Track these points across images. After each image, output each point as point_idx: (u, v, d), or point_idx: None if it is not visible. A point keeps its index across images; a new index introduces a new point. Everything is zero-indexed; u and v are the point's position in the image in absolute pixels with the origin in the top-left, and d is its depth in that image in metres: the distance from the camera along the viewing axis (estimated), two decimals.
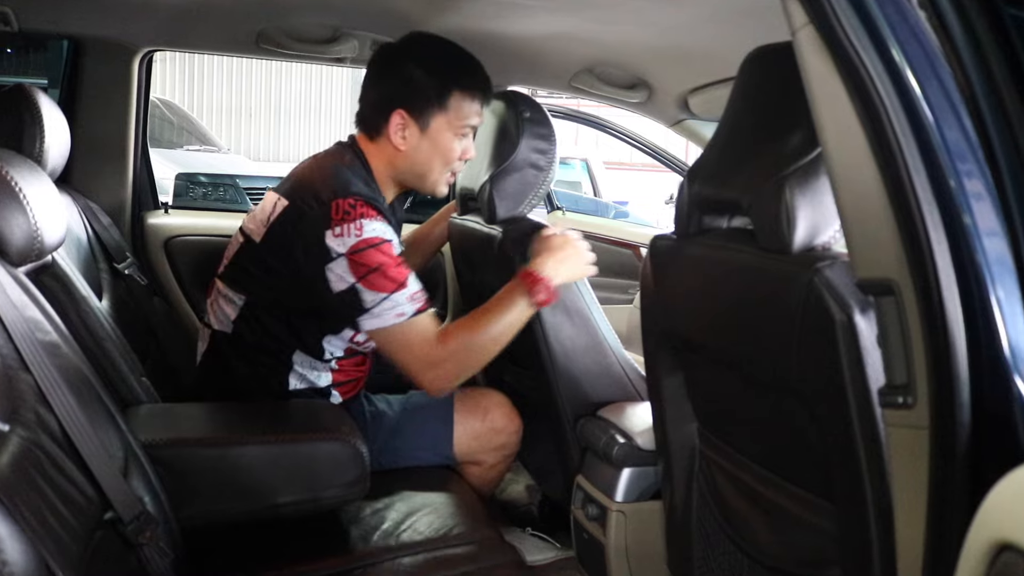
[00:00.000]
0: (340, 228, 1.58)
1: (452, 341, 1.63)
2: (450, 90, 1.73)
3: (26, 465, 0.96)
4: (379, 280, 1.58)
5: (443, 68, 1.75)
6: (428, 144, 1.74)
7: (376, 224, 1.61)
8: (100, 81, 2.24)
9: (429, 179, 1.79)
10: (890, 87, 0.83)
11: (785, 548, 1.29)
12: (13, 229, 1.21)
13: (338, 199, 1.61)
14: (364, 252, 1.58)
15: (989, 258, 0.81)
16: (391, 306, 1.59)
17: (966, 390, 0.82)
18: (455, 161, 1.80)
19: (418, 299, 1.62)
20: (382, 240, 1.61)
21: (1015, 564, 0.58)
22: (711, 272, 1.28)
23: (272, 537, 1.48)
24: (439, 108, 1.73)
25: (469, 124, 1.78)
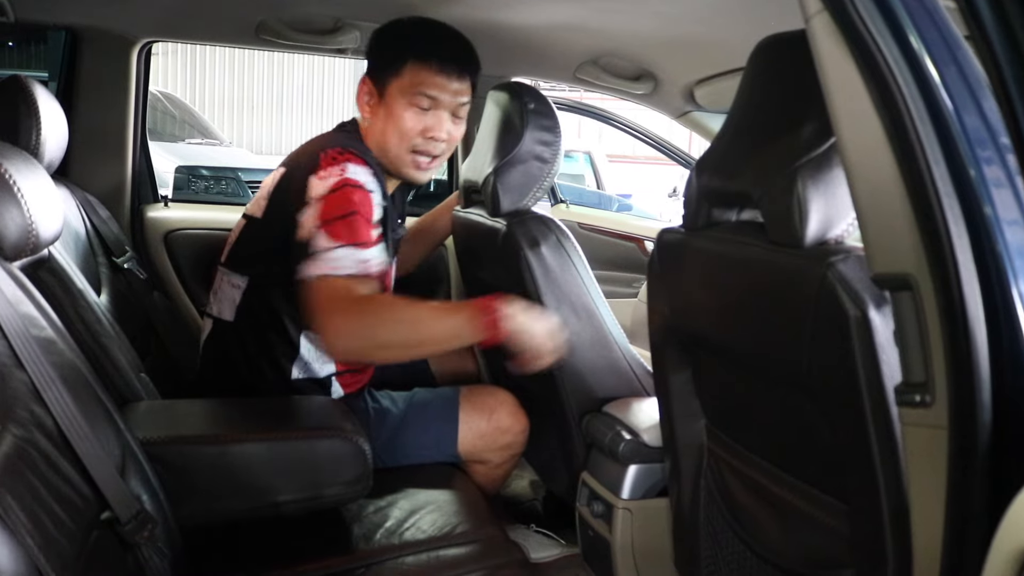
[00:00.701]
0: (325, 171, 1.54)
1: (376, 304, 1.49)
2: (405, 57, 1.67)
3: (20, 465, 0.94)
4: (340, 228, 1.49)
5: (404, 34, 1.71)
6: (384, 112, 1.69)
7: (360, 170, 1.56)
8: (98, 73, 2.21)
9: (390, 154, 1.71)
10: (908, 74, 0.81)
11: (795, 548, 1.27)
12: (7, 223, 1.18)
13: (328, 149, 1.59)
14: (342, 191, 1.52)
15: (1011, 250, 0.78)
16: (335, 256, 1.47)
17: (987, 389, 0.79)
18: (415, 136, 1.69)
19: (367, 269, 1.49)
20: (362, 186, 1.54)
21: None
22: (720, 266, 1.25)
23: (273, 536, 1.45)
24: (394, 74, 1.67)
25: (424, 93, 1.67)
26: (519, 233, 1.78)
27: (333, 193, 1.52)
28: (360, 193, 1.54)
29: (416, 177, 1.76)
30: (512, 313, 1.48)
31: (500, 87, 1.99)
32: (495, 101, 1.99)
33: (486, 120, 2.02)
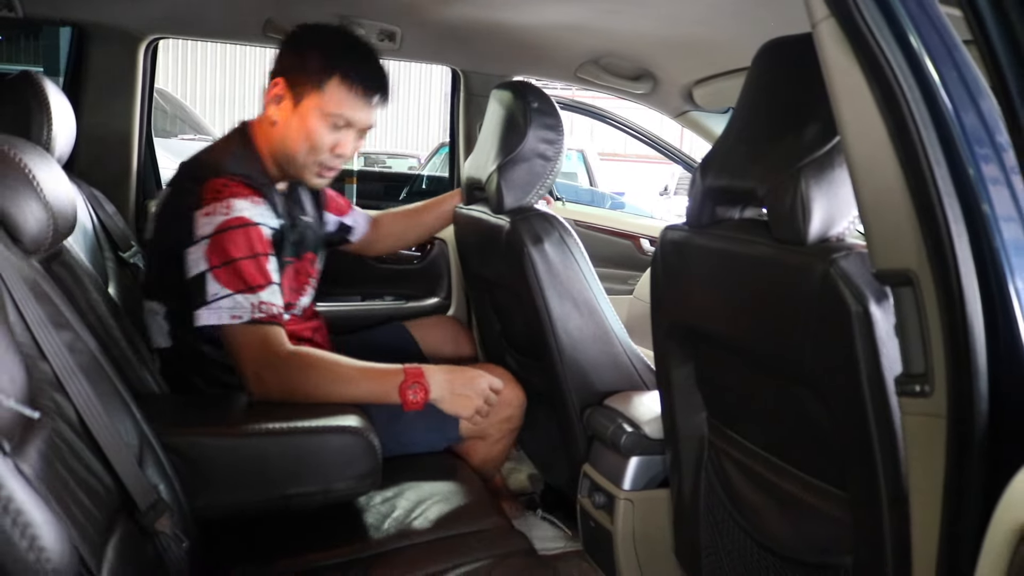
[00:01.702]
0: (209, 207, 1.54)
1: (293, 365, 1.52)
2: (331, 73, 1.64)
3: (50, 454, 0.96)
4: (229, 275, 1.52)
5: (334, 52, 1.67)
6: (297, 121, 1.66)
7: (245, 204, 1.57)
8: (105, 69, 2.23)
9: (295, 162, 1.69)
10: (910, 77, 0.84)
11: (796, 536, 1.30)
12: (27, 217, 1.20)
13: (211, 178, 1.58)
14: (227, 234, 1.53)
15: (1007, 246, 0.82)
16: (230, 305, 1.51)
17: (984, 379, 0.83)
18: (324, 152, 1.68)
19: (265, 310, 1.52)
20: (248, 223, 1.55)
21: None
22: (724, 263, 1.29)
23: (285, 527, 1.48)
24: (315, 88, 1.65)
25: (343, 115, 1.66)
26: (523, 230, 1.81)
27: (220, 234, 1.53)
28: (246, 232, 1.55)
29: (315, 184, 1.75)
30: (438, 386, 1.56)
31: (503, 86, 2.02)
32: (498, 100, 2.02)
33: (489, 118, 2.05)
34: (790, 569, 1.31)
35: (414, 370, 1.56)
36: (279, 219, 1.65)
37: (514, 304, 1.97)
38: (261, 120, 1.72)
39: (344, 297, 2.48)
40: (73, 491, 0.99)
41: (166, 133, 7.85)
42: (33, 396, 1.01)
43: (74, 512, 0.94)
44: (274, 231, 1.62)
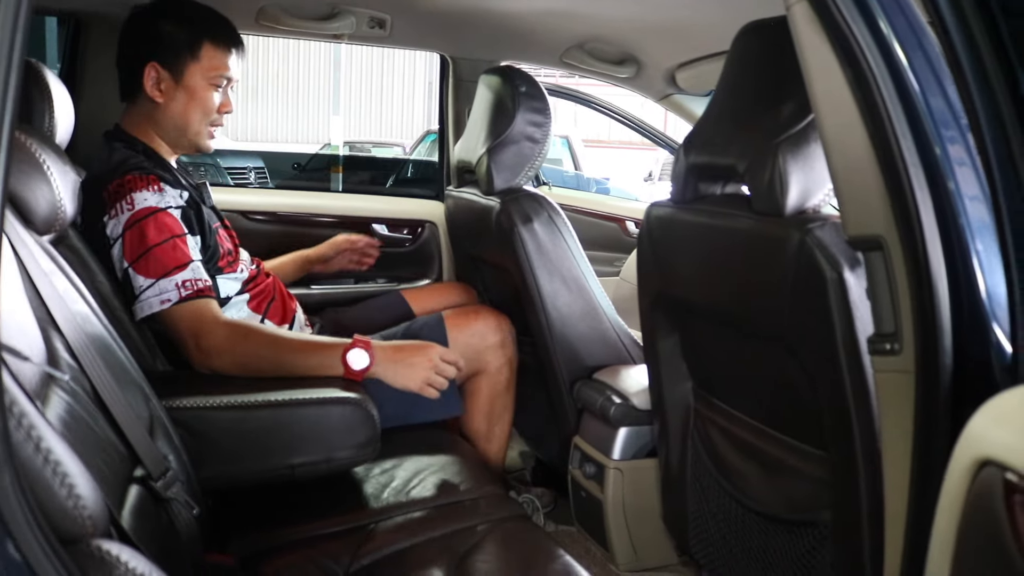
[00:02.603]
0: (112, 210, 1.60)
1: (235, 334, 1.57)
2: (201, 41, 1.73)
3: (71, 422, 1.02)
4: (148, 264, 1.57)
5: (193, 21, 1.76)
6: (185, 94, 1.74)
7: (145, 194, 1.61)
8: (101, 58, 2.26)
9: (190, 131, 1.77)
10: (879, 57, 0.90)
11: (777, 496, 1.37)
12: (39, 199, 1.25)
13: (108, 184, 1.64)
14: (135, 227, 1.58)
15: (970, 215, 0.88)
16: (156, 292, 1.56)
17: (948, 336, 0.89)
18: (214, 113, 1.78)
19: (190, 287, 1.57)
20: (155, 209, 1.60)
21: (994, 476, 0.66)
22: (707, 236, 1.35)
23: (289, 497, 1.53)
24: (192, 58, 1.73)
25: (223, 75, 1.76)
26: (513, 210, 1.86)
27: (130, 229, 1.58)
28: (153, 220, 1.59)
29: (207, 146, 1.82)
30: (382, 358, 1.58)
31: (492, 71, 2.07)
32: (487, 84, 2.07)
33: (478, 103, 2.10)
34: (773, 528, 1.38)
35: (361, 340, 1.59)
36: (185, 191, 1.69)
37: (505, 283, 2.03)
38: (135, 111, 1.78)
39: (337, 280, 2.52)
40: (91, 458, 1.04)
41: None
42: (54, 364, 1.06)
43: (95, 474, 0.99)
44: (183, 208, 1.66)
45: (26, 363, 0.85)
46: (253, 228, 2.45)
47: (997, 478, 0.66)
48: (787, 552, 1.35)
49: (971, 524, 0.70)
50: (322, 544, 1.41)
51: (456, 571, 1.31)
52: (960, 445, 0.71)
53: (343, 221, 2.61)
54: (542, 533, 1.49)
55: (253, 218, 2.50)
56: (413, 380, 1.60)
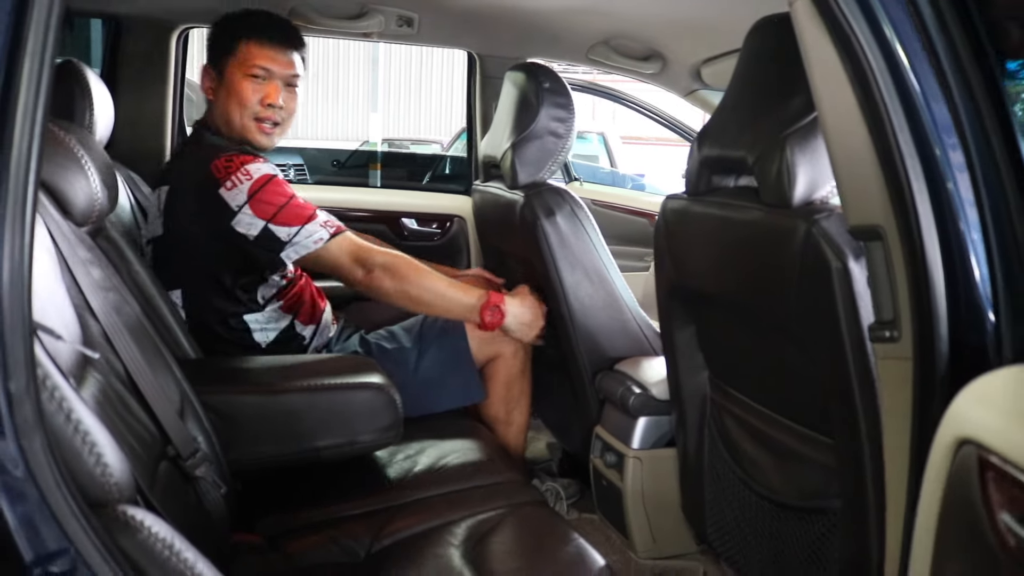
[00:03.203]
0: (230, 181, 1.73)
1: (401, 263, 1.81)
2: (239, 38, 1.85)
3: (104, 403, 1.08)
4: (287, 215, 1.74)
5: (238, 22, 1.88)
6: (225, 90, 1.86)
7: (258, 164, 1.76)
8: (139, 58, 2.34)
9: (235, 125, 1.87)
10: (878, 54, 0.92)
11: (789, 483, 1.39)
12: (77, 192, 1.32)
13: (213, 161, 1.76)
14: (262, 191, 1.73)
15: (965, 203, 0.90)
16: (306, 235, 1.75)
17: (944, 323, 0.91)
18: (254, 105, 1.86)
19: (332, 225, 1.79)
20: (273, 176, 1.76)
21: (971, 454, 0.68)
22: (719, 227, 1.37)
23: (314, 480, 1.59)
24: (230, 55, 1.85)
25: (259, 66, 1.85)
26: (536, 204, 1.90)
27: (258, 193, 1.73)
28: (275, 183, 1.76)
29: (263, 143, 1.91)
30: (513, 312, 1.88)
31: (517, 67, 2.11)
32: (512, 81, 2.11)
33: (504, 99, 2.14)
34: (784, 515, 1.40)
35: (496, 296, 1.86)
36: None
37: (529, 275, 2.07)
38: (206, 112, 1.94)
39: None
40: (124, 436, 1.10)
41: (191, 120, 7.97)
42: (89, 347, 1.12)
43: (126, 450, 1.05)
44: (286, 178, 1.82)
45: (61, 343, 0.91)
46: None
47: (973, 456, 0.69)
48: (798, 539, 1.37)
49: (951, 502, 0.72)
50: (345, 525, 1.46)
51: (472, 552, 1.35)
52: (942, 426, 0.74)
53: (374, 216, 2.67)
54: (558, 517, 1.53)
55: None
56: (528, 336, 1.93)
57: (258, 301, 1.85)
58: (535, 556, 1.34)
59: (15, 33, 0.67)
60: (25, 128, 0.69)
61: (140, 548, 0.77)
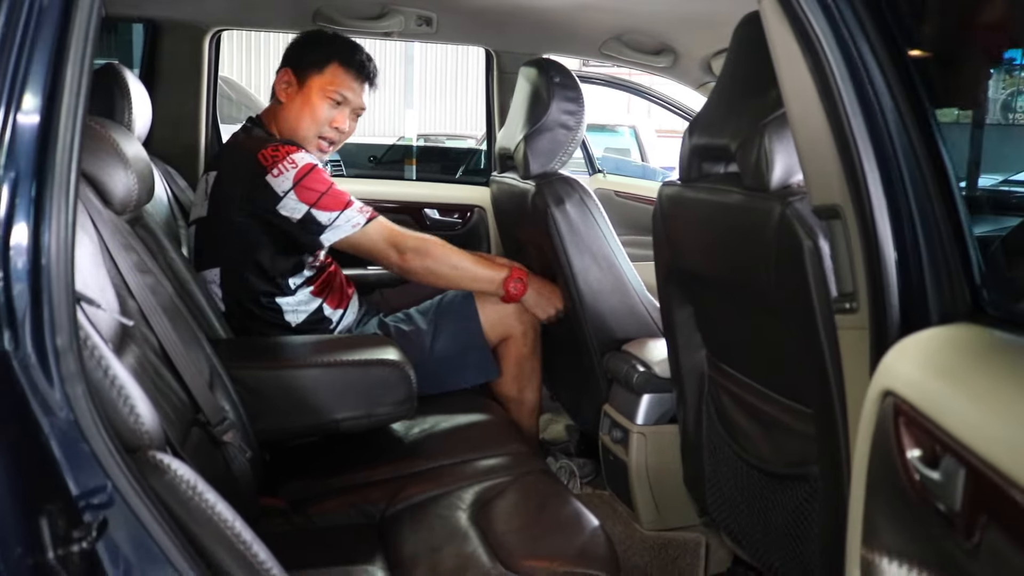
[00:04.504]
0: (276, 169, 1.88)
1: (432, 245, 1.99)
2: (331, 59, 2.02)
3: (141, 372, 1.20)
4: (328, 201, 1.89)
5: (334, 44, 2.05)
6: (301, 99, 2.03)
7: (303, 155, 1.91)
8: (175, 58, 2.48)
9: (299, 134, 2.03)
10: (835, 47, 1.01)
11: (776, 452, 1.48)
12: (116, 183, 1.44)
13: (260, 151, 1.91)
14: (306, 178, 1.88)
15: (915, 185, 0.98)
16: (345, 220, 1.91)
17: (895, 294, 0.99)
18: (324, 125, 2.03)
19: (366, 211, 1.95)
20: (314, 165, 1.91)
21: (890, 403, 0.77)
22: (707, 211, 1.46)
23: (334, 450, 1.71)
24: (317, 71, 2.02)
25: (340, 92, 2.03)
26: (546, 192, 2.00)
27: (303, 179, 1.88)
28: (317, 172, 1.91)
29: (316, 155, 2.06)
30: (534, 287, 2.06)
31: (530, 63, 2.20)
32: (525, 76, 2.21)
33: (518, 93, 2.24)
34: (773, 482, 1.49)
35: (519, 270, 2.02)
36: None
37: (543, 262, 2.17)
38: (269, 109, 2.09)
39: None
40: (158, 402, 1.22)
41: (232, 119, 8.18)
42: (128, 326, 1.25)
43: (159, 411, 1.17)
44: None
45: (101, 313, 1.03)
46: None
47: (891, 405, 0.77)
48: (784, 505, 1.45)
49: (877, 447, 0.81)
50: (362, 491, 1.58)
51: (478, 515, 1.46)
52: (872, 381, 0.83)
53: (399, 207, 2.79)
54: (559, 485, 1.63)
55: None
56: (546, 312, 2.09)
57: (290, 287, 1.98)
58: (535, 517, 1.45)
59: (59, 42, 0.78)
60: (68, 123, 0.80)
61: (167, 488, 0.88)
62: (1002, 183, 2.21)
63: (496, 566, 1.29)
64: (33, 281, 0.77)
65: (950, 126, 1.85)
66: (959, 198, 0.90)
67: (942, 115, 1.68)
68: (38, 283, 0.77)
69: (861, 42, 1.00)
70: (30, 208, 0.78)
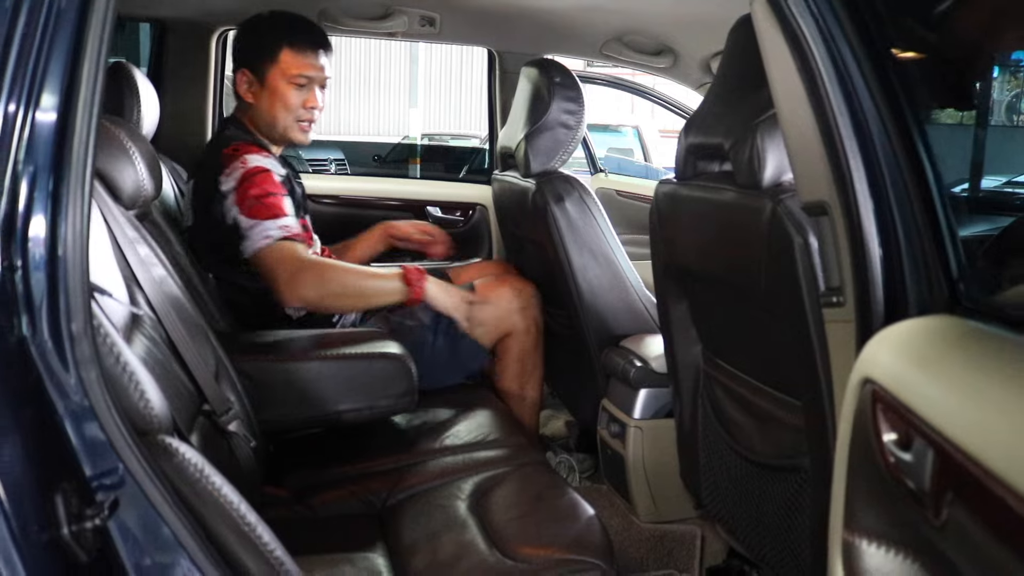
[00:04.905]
0: (228, 168, 1.89)
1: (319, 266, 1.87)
2: (280, 46, 2.00)
3: (147, 357, 1.23)
4: (256, 209, 1.85)
5: (274, 29, 2.03)
6: (268, 94, 2.02)
7: (256, 157, 1.91)
8: (182, 58, 2.53)
9: (278, 126, 2.04)
10: (822, 48, 1.04)
11: (768, 444, 1.51)
12: (125, 179, 1.48)
13: (223, 149, 1.93)
14: (248, 181, 1.86)
15: (895, 184, 1.02)
16: (261, 231, 1.83)
17: (880, 288, 1.03)
18: (299, 109, 2.03)
19: (288, 231, 1.85)
20: (264, 169, 1.89)
21: (869, 390, 0.80)
22: (702, 209, 1.50)
23: (336, 441, 1.75)
24: (271, 62, 2.00)
25: (304, 75, 2.01)
26: (546, 190, 2.04)
27: (242, 183, 1.87)
28: (262, 176, 1.89)
29: (303, 140, 2.09)
30: (429, 286, 1.95)
31: (531, 63, 2.24)
32: (526, 76, 2.24)
33: (519, 93, 2.28)
34: (766, 474, 1.52)
35: (412, 268, 1.93)
36: (284, 170, 1.99)
37: (543, 259, 2.20)
38: (240, 112, 2.09)
39: (394, 259, 2.74)
40: (164, 388, 1.26)
41: None
42: (137, 317, 1.29)
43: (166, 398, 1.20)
44: (283, 177, 1.96)
45: (112, 303, 1.07)
46: (317, 210, 2.68)
47: (870, 392, 0.81)
48: (776, 496, 1.49)
49: (857, 433, 0.85)
50: (363, 481, 1.62)
51: (477, 505, 1.49)
52: (854, 370, 0.86)
53: (403, 204, 2.83)
54: (556, 476, 1.66)
55: (320, 201, 2.74)
56: (455, 306, 2.00)
57: None
58: (532, 506, 1.48)
59: (76, 42, 0.82)
60: (84, 120, 0.84)
61: (176, 470, 0.92)
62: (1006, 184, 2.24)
63: (493, 553, 1.32)
64: (50, 270, 0.80)
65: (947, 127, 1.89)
66: (937, 196, 0.93)
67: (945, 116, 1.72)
68: (55, 272, 0.81)
69: (843, 46, 1.03)
70: (48, 201, 0.81)
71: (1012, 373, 0.70)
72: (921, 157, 0.95)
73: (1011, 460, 0.61)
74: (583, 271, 2.03)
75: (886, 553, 0.80)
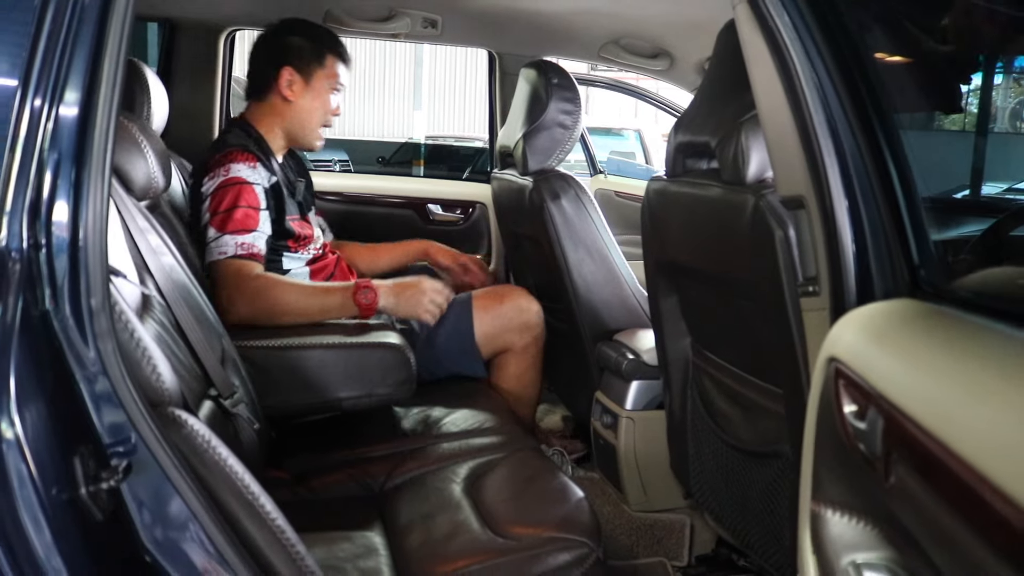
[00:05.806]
0: (212, 173, 1.95)
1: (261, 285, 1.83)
2: (327, 52, 2.10)
3: (157, 340, 1.29)
4: (222, 220, 1.87)
5: (321, 37, 2.13)
6: (311, 95, 2.09)
7: (240, 166, 1.94)
8: (191, 56, 2.59)
9: (310, 127, 2.11)
10: (799, 49, 1.10)
11: (752, 433, 1.57)
12: (137, 172, 1.54)
13: (217, 153, 1.98)
14: (224, 190, 1.90)
15: (859, 178, 1.07)
16: (219, 244, 1.85)
17: (852, 276, 1.08)
18: (329, 115, 2.12)
19: (246, 248, 1.85)
20: (243, 181, 1.92)
21: (833, 367, 0.86)
22: (690, 205, 1.55)
23: (337, 427, 1.81)
24: (319, 66, 2.09)
25: (340, 82, 2.12)
26: (543, 188, 2.10)
27: (217, 191, 1.91)
28: (239, 188, 1.91)
29: (318, 146, 2.16)
30: (385, 293, 1.90)
31: (529, 65, 2.30)
32: (525, 77, 2.31)
33: (518, 93, 2.34)
34: (750, 461, 1.58)
35: (364, 281, 1.91)
36: (274, 177, 2.01)
37: (540, 255, 2.26)
38: (264, 107, 2.11)
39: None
40: (174, 368, 1.32)
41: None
42: (148, 302, 1.35)
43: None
44: (266, 189, 1.98)
45: (127, 284, 1.13)
46: (321, 206, 2.74)
47: (834, 368, 0.87)
48: (758, 481, 1.54)
49: (822, 408, 0.90)
50: (363, 465, 1.68)
51: (471, 488, 1.55)
52: (821, 350, 0.92)
53: (405, 202, 2.89)
54: (548, 461, 1.72)
55: (324, 198, 2.80)
56: (414, 308, 1.94)
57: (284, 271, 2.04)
58: (524, 489, 1.54)
59: (98, 40, 0.88)
60: (104, 114, 0.90)
61: (185, 440, 0.98)
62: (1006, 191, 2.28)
63: (485, 531, 1.38)
64: (72, 250, 0.87)
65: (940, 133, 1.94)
66: (899, 190, 0.99)
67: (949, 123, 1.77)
68: (76, 253, 0.87)
69: (816, 53, 1.09)
70: (70, 188, 0.88)
71: (960, 347, 0.76)
72: (885, 154, 1.00)
73: (950, 423, 0.66)
74: (578, 266, 2.09)
75: (848, 521, 0.86)
